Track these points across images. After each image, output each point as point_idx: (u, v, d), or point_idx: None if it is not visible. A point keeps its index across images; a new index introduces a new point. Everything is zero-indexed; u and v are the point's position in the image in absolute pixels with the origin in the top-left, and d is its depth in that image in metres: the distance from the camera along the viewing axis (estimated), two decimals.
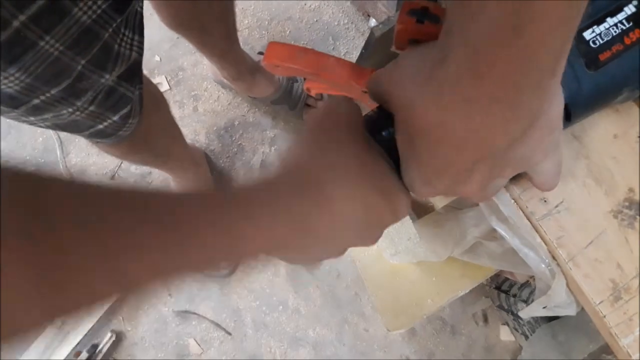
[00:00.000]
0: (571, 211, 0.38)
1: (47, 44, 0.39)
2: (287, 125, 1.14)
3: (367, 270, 1.05)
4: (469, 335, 1.07)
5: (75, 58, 0.43)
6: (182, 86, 1.17)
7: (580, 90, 0.32)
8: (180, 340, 1.10)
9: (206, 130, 1.15)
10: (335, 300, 1.08)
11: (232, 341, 1.09)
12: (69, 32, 0.40)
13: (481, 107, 0.22)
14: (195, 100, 1.17)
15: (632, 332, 0.36)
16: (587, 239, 0.37)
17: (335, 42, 1.16)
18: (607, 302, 0.37)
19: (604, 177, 0.38)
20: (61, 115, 0.49)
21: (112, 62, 0.48)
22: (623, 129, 0.39)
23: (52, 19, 0.38)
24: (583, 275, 0.37)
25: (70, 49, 0.42)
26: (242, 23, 1.18)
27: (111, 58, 0.48)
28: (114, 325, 1.11)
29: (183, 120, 1.16)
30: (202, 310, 1.10)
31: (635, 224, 0.37)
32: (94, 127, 0.56)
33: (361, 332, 1.07)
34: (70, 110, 0.49)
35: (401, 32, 0.29)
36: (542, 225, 0.38)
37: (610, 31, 0.31)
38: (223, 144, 1.15)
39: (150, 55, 1.18)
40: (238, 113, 1.15)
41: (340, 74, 0.42)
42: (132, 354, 1.10)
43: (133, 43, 0.50)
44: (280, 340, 1.08)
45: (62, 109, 0.48)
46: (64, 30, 0.40)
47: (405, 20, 0.28)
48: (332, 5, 1.18)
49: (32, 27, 0.37)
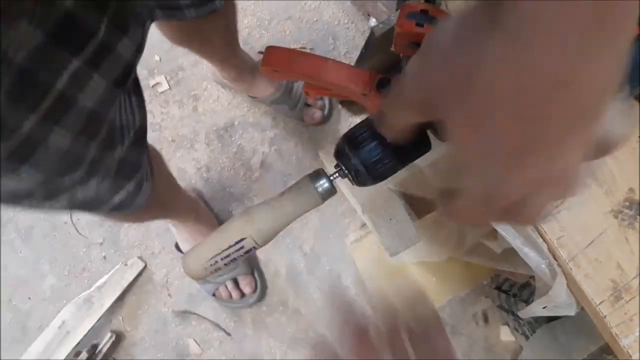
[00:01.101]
0: (572, 211, 0.38)
1: (57, 134, 0.38)
2: (287, 125, 1.14)
3: (367, 270, 1.04)
4: (469, 336, 1.07)
5: (88, 143, 0.42)
6: (182, 86, 1.17)
7: None
8: (180, 340, 1.10)
9: (206, 130, 1.15)
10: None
11: (232, 341, 1.09)
12: (77, 120, 0.39)
13: (572, 46, 0.18)
14: (195, 100, 1.16)
15: (633, 333, 0.36)
16: (588, 239, 0.37)
17: (335, 42, 1.16)
18: (607, 302, 0.37)
19: (605, 178, 0.38)
20: (76, 196, 0.48)
21: (120, 136, 0.47)
22: None
23: (59, 111, 0.37)
24: (583, 276, 0.37)
25: (80, 135, 0.41)
26: (242, 22, 1.18)
27: (119, 132, 0.47)
28: (114, 326, 1.11)
29: (183, 120, 1.16)
30: (201, 310, 1.10)
31: (636, 224, 0.37)
32: (110, 201, 0.54)
33: None
34: (85, 190, 0.48)
35: (401, 36, 0.29)
36: (542, 225, 0.38)
37: None
38: (223, 144, 1.15)
39: (150, 55, 1.18)
40: (238, 113, 1.15)
41: (339, 77, 0.42)
42: (131, 354, 1.10)
43: (133, 106, 0.49)
44: (280, 340, 1.08)
45: (77, 192, 0.47)
46: (72, 120, 0.39)
47: (404, 23, 0.28)
48: (332, 5, 1.17)
49: (42, 125, 0.36)
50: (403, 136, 0.29)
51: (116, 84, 0.42)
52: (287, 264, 1.10)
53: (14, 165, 0.37)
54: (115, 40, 0.40)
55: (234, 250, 0.37)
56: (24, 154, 0.37)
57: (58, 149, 0.39)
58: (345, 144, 0.35)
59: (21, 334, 1.12)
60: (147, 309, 1.11)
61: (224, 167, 1.14)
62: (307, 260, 1.10)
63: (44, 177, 0.41)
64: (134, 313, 1.11)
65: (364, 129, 0.34)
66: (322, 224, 1.11)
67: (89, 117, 0.40)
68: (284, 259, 1.10)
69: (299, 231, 1.11)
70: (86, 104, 0.39)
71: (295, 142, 1.13)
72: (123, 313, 1.11)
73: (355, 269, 1.08)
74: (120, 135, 0.47)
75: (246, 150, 1.14)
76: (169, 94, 1.17)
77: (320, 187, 0.36)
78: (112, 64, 0.41)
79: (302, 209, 0.37)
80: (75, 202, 0.49)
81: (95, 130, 0.42)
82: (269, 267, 1.11)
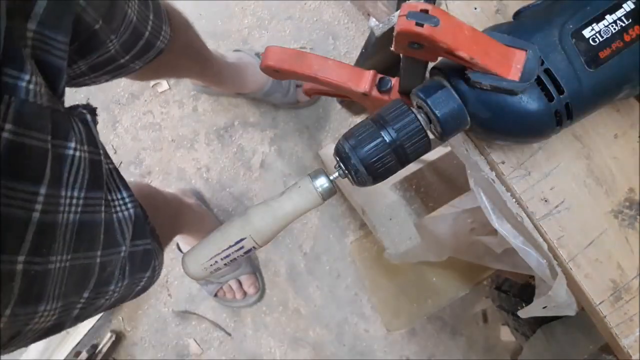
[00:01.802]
0: (572, 211, 0.38)
1: (56, 263, 0.38)
2: (287, 125, 1.14)
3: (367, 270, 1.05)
4: (469, 336, 1.07)
5: (88, 255, 0.42)
6: (182, 86, 1.17)
7: (580, 89, 0.32)
8: (180, 340, 1.10)
9: (206, 130, 1.15)
10: (335, 300, 1.08)
11: (231, 341, 1.09)
12: (67, 238, 0.39)
13: None
14: (194, 100, 1.16)
15: (633, 333, 0.36)
16: (588, 239, 0.37)
17: (335, 42, 1.16)
18: (607, 303, 0.37)
19: (605, 177, 0.38)
20: (101, 306, 0.48)
21: (120, 233, 0.46)
22: (623, 129, 0.39)
23: (46, 240, 0.37)
24: (583, 276, 0.37)
25: (77, 251, 0.40)
26: (242, 22, 1.18)
27: (117, 231, 0.46)
28: (114, 326, 1.11)
29: (183, 120, 1.16)
30: (201, 310, 1.10)
31: (636, 224, 0.37)
32: (133, 292, 0.54)
33: (361, 333, 1.07)
34: (107, 297, 0.47)
35: (400, 36, 0.29)
36: (542, 225, 0.38)
37: (609, 28, 0.31)
38: (223, 144, 1.15)
39: None
40: (238, 113, 1.15)
41: (339, 77, 0.42)
42: (131, 354, 1.10)
43: (125, 201, 0.48)
44: (280, 340, 1.08)
45: (100, 301, 0.47)
46: (62, 242, 0.38)
47: (404, 23, 0.28)
48: (332, 5, 1.17)
49: (34, 260, 0.36)
50: None
51: (90, 188, 0.41)
52: (287, 263, 1.10)
53: (31, 308, 0.37)
54: (65, 152, 0.39)
55: (233, 250, 0.37)
56: (35, 294, 0.37)
57: (63, 273, 0.39)
58: (345, 143, 0.35)
59: None
60: (147, 309, 1.11)
61: (224, 167, 1.14)
62: (307, 260, 1.10)
63: (63, 303, 0.40)
64: (134, 313, 1.11)
65: (364, 129, 0.34)
66: (322, 224, 1.11)
67: (79, 230, 0.40)
68: (284, 259, 1.10)
69: (299, 231, 1.11)
70: (67, 220, 0.39)
71: (295, 142, 1.13)
72: (123, 313, 1.11)
73: (355, 268, 1.08)
74: (121, 232, 0.47)
75: (246, 150, 1.14)
76: (169, 94, 1.17)
77: (320, 187, 0.36)
78: (74, 174, 0.39)
79: (302, 209, 0.37)
80: (102, 307, 0.49)
81: (90, 238, 0.42)
82: (268, 266, 1.11)
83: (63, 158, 0.38)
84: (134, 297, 0.56)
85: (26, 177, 0.35)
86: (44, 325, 0.40)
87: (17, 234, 0.34)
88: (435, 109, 0.33)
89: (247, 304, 1.07)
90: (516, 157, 0.38)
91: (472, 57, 0.29)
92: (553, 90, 0.31)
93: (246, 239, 0.37)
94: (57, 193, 0.38)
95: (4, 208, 0.33)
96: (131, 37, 0.54)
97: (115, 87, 1.18)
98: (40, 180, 0.36)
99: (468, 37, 0.29)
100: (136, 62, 0.58)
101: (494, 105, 0.32)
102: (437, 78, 0.34)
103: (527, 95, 0.31)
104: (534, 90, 0.31)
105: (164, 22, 0.60)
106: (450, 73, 0.33)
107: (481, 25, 0.34)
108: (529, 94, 0.31)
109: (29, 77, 0.34)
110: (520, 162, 0.38)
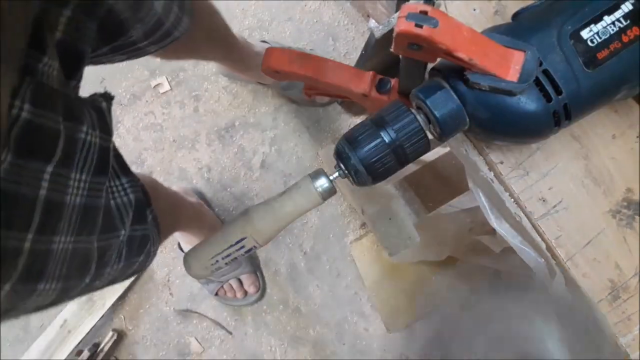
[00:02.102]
0: (570, 211, 0.38)
1: (59, 244, 0.38)
2: (287, 125, 1.14)
3: (367, 269, 1.05)
4: None
5: (89, 239, 0.42)
6: (183, 87, 1.17)
7: (579, 90, 0.32)
8: (181, 339, 1.10)
9: (207, 131, 1.16)
10: (335, 299, 1.08)
11: (232, 340, 1.09)
12: (72, 220, 0.39)
13: None
14: (196, 101, 1.17)
15: (631, 331, 0.37)
16: (586, 238, 0.38)
17: (335, 43, 1.16)
18: (605, 302, 0.37)
19: (603, 177, 0.38)
20: (94, 286, 0.48)
21: (119, 218, 0.47)
22: (622, 129, 0.39)
23: (52, 220, 0.37)
24: (581, 275, 0.37)
25: (80, 234, 0.41)
26: (243, 24, 1.18)
27: (117, 215, 0.47)
28: (116, 324, 1.11)
29: (184, 120, 1.16)
30: (203, 309, 1.11)
31: (634, 224, 0.38)
32: (124, 275, 0.55)
33: (361, 332, 1.07)
34: (102, 280, 0.48)
35: (400, 37, 0.29)
36: (540, 224, 0.38)
37: (607, 29, 0.31)
38: (223, 144, 1.15)
39: (151, 56, 1.18)
40: (238, 113, 1.15)
41: (339, 78, 0.42)
42: (133, 353, 1.11)
43: (125, 187, 0.49)
44: (281, 339, 1.09)
45: (95, 283, 0.48)
46: (67, 223, 0.39)
47: (403, 24, 0.28)
48: (332, 6, 1.18)
49: (41, 239, 0.36)
50: None
51: (97, 173, 0.42)
52: (287, 263, 1.11)
53: (31, 286, 0.37)
54: (77, 135, 0.40)
55: (234, 250, 0.38)
56: (36, 272, 0.37)
57: (65, 255, 0.39)
58: (345, 144, 0.35)
59: (23, 333, 1.13)
60: (149, 308, 1.12)
61: (225, 167, 1.15)
62: (307, 259, 1.10)
63: (63, 285, 0.41)
64: (135, 312, 1.12)
65: (364, 129, 0.34)
66: (322, 223, 1.11)
67: (83, 213, 0.41)
68: (284, 258, 1.11)
69: (299, 230, 1.11)
70: (74, 202, 0.39)
71: (295, 142, 1.13)
72: (124, 312, 1.12)
73: (355, 268, 1.08)
74: (120, 217, 0.47)
75: (247, 150, 1.14)
76: (170, 95, 1.18)
77: (320, 187, 0.37)
78: (84, 157, 0.40)
79: (302, 209, 0.37)
80: (95, 288, 0.50)
81: (92, 222, 0.43)
82: (269, 266, 1.11)
83: (75, 141, 0.39)
84: (124, 279, 0.56)
85: (39, 156, 0.35)
86: (41, 303, 0.41)
87: (26, 211, 0.35)
88: (435, 110, 0.33)
89: (247, 303, 1.08)
90: (515, 157, 0.39)
91: (470, 58, 0.29)
92: (551, 91, 0.32)
93: (247, 239, 0.37)
94: (67, 174, 0.38)
95: (15, 185, 0.33)
96: (154, 26, 0.55)
97: (117, 88, 1.18)
98: (50, 160, 0.36)
99: (467, 38, 0.29)
100: (152, 46, 0.59)
101: (492, 106, 0.32)
102: (436, 79, 0.35)
103: (526, 96, 0.32)
104: (532, 91, 0.32)
105: (185, 12, 0.61)
106: (449, 74, 0.33)
107: (480, 27, 0.34)
108: (527, 95, 0.32)
109: (46, 59, 0.35)
110: (519, 162, 0.38)
